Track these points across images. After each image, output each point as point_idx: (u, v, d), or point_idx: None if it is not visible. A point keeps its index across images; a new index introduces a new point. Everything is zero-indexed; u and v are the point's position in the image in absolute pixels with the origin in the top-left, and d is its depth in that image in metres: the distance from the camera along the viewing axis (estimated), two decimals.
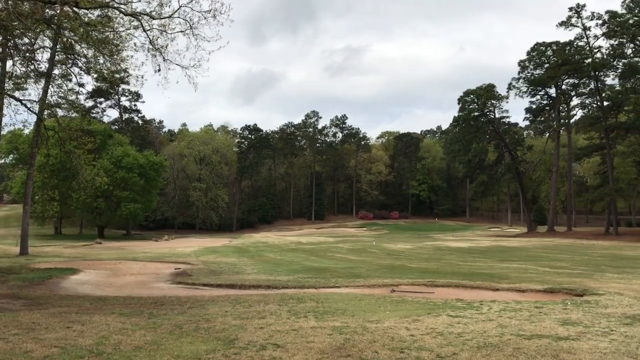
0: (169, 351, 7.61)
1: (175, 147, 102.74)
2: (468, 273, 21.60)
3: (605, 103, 64.94)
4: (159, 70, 19.39)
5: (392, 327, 9.13)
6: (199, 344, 8.08)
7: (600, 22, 62.00)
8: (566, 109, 73.94)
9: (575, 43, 67.44)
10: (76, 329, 9.17)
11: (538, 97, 74.12)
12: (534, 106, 75.08)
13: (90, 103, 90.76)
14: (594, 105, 68.39)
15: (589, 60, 65.04)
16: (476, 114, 77.63)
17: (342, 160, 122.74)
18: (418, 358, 6.99)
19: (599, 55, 64.29)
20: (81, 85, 29.37)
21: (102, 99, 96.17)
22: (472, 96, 77.17)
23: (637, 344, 7.52)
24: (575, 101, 73.10)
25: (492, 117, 78.19)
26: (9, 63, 25.93)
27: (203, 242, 57.82)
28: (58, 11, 17.57)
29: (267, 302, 12.94)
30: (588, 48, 65.94)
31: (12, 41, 22.45)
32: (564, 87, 71.71)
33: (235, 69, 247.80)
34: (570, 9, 64.67)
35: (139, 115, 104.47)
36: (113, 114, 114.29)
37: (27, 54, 23.03)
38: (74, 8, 16.32)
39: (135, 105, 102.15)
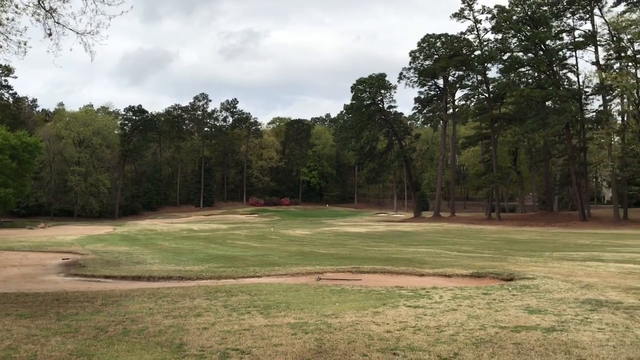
0: None
1: (52, 127, 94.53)
2: (384, 258, 21.24)
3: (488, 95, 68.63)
4: (50, 34, 16.83)
5: (359, 322, 8.15)
6: (140, 353, 6.57)
7: (489, 16, 65.26)
8: (452, 100, 77.28)
9: (463, 36, 70.47)
10: None
11: (427, 87, 76.67)
12: (422, 96, 77.60)
13: None
14: (480, 97, 71.99)
15: (478, 52, 68.25)
16: (368, 102, 78.79)
17: (233, 145, 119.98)
18: None
19: (487, 48, 67.63)
20: None
21: None
22: (364, 85, 78.10)
23: (634, 335, 7.14)
24: (460, 93, 76.66)
25: (382, 106, 79.83)
26: None
27: (84, 230, 53.94)
28: None
29: (192, 297, 11.47)
30: (478, 41, 69.18)
31: None
32: (450, 78, 74.76)
33: (124, 47, 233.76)
34: (463, 1, 67.43)
35: (10, 92, 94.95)
36: None
37: None
38: None
39: (5, 80, 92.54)
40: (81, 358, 6.41)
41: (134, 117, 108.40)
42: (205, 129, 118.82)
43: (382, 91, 78.50)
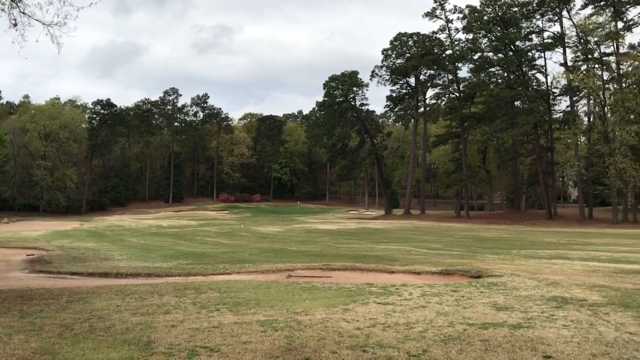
0: None
1: (16, 120, 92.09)
2: (354, 255, 21.32)
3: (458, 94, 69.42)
4: (15, 25, 16.37)
5: (329, 320, 8.14)
6: (107, 351, 6.45)
7: (461, 15, 65.95)
8: (423, 99, 77.97)
9: (435, 36, 71.14)
10: None
11: (399, 85, 77.13)
12: (394, 94, 78.01)
13: None
14: (451, 96, 72.79)
15: (450, 52, 68.96)
16: (340, 99, 78.95)
17: (203, 141, 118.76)
18: (389, 358, 6.06)
19: (458, 47, 68.35)
20: None
21: None
22: (336, 82, 78.23)
23: (597, 331, 7.27)
24: (431, 92, 77.39)
25: (354, 103, 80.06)
26: None
27: (51, 226, 52.90)
28: None
29: (161, 294, 11.32)
30: (449, 41, 69.86)
31: None
32: (422, 77, 75.37)
33: (94, 39, 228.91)
34: (435, 0, 67.95)
35: None
36: None
37: None
38: None
39: None
40: (45, 356, 6.26)
41: (102, 111, 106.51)
42: (175, 123, 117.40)
43: (355, 89, 78.76)
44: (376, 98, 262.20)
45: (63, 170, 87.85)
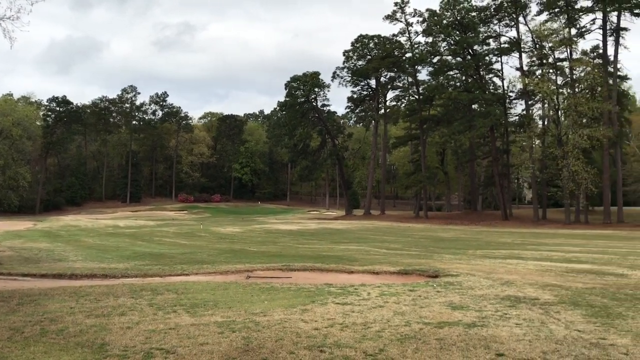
0: None
1: None
2: (314, 256, 21.38)
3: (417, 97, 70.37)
4: None
5: (287, 320, 8.14)
6: (58, 354, 6.30)
7: (421, 19, 66.78)
8: (383, 100, 78.71)
9: (395, 38, 71.84)
10: None
11: (360, 87, 77.63)
12: (355, 96, 78.51)
13: None
14: (411, 98, 73.72)
15: (410, 54, 69.79)
16: (301, 100, 78.96)
17: (162, 139, 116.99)
18: (346, 357, 6.11)
19: (417, 50, 69.24)
20: None
21: None
22: (298, 82, 78.17)
23: (548, 329, 7.50)
24: (391, 94, 78.21)
25: (316, 104, 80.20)
26: None
27: (2, 226, 51.63)
28: None
29: (116, 295, 11.10)
30: (409, 44, 70.71)
31: None
32: (382, 79, 76.06)
33: (51, 34, 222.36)
34: (396, 3, 68.71)
35: None
36: None
37: None
38: None
39: None
40: None
41: (58, 109, 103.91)
42: (134, 122, 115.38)
43: (316, 89, 78.83)
44: (338, 99, 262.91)
45: (16, 169, 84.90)
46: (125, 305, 9.82)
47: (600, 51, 55.87)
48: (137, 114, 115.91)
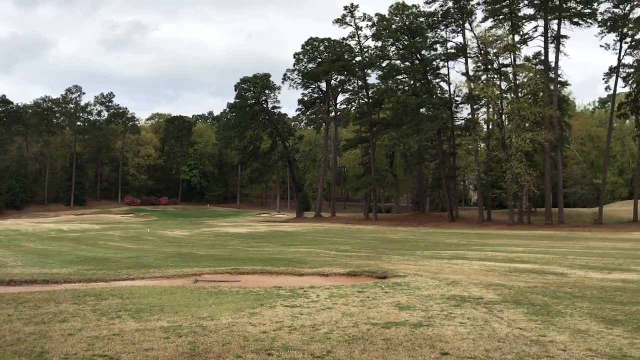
0: None
1: None
2: (264, 259, 21.25)
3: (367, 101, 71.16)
4: None
5: (235, 324, 8.06)
6: None
7: (370, 23, 67.63)
8: (334, 103, 79.18)
9: (345, 42, 72.46)
10: None
11: (310, 90, 77.81)
12: (306, 98, 78.63)
13: None
14: (361, 101, 74.42)
15: (359, 58, 70.48)
16: (252, 101, 78.52)
17: (107, 141, 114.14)
18: None
19: (367, 54, 70.03)
20: None
21: None
22: (248, 84, 77.67)
23: (491, 328, 7.69)
24: (342, 97, 78.75)
25: (266, 106, 79.91)
26: None
27: None
28: None
29: (58, 301, 10.71)
30: (359, 47, 71.40)
31: None
32: (333, 82, 76.50)
33: None
34: (345, 7, 69.38)
35: None
36: None
37: None
38: None
39: None
40: None
41: None
42: (78, 123, 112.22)
43: (267, 91, 78.55)
44: (288, 101, 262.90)
45: None
46: (67, 311, 9.50)
47: (542, 58, 57.95)
48: (81, 114, 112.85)
